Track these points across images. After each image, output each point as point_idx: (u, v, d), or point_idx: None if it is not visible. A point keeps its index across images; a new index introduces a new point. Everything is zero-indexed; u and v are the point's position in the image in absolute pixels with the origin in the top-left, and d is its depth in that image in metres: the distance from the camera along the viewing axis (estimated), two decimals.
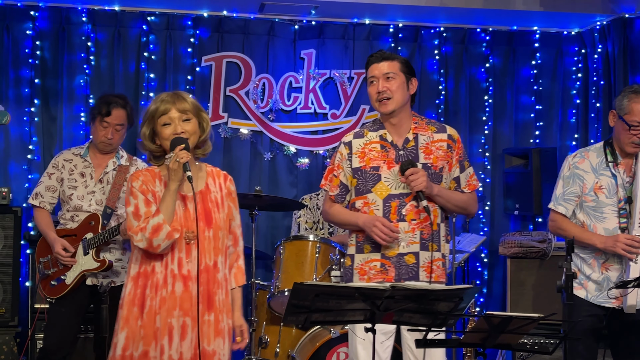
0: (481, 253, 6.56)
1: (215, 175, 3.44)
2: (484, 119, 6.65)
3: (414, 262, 3.69)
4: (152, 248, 3.20)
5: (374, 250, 3.72)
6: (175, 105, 3.28)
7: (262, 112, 6.28)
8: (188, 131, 3.28)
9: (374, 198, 3.71)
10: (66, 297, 4.51)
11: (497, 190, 6.66)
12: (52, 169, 4.68)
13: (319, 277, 4.92)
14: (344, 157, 3.80)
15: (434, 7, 6.06)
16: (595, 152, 4.19)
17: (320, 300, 2.76)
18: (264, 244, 6.21)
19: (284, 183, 6.39)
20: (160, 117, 3.27)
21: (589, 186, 4.12)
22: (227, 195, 3.42)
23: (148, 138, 3.33)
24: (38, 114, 6.00)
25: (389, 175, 3.71)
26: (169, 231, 3.19)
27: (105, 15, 6.09)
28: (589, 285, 4.10)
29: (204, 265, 3.28)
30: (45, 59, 6.05)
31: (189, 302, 3.24)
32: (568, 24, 6.59)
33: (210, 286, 3.29)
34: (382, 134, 3.78)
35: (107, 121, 4.57)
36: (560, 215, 4.18)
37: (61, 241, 4.49)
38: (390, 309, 2.83)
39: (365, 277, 3.72)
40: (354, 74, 6.41)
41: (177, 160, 3.17)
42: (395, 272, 3.69)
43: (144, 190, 3.28)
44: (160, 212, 3.20)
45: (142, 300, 3.26)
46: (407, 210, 3.68)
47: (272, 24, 6.30)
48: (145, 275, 3.27)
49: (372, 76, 3.74)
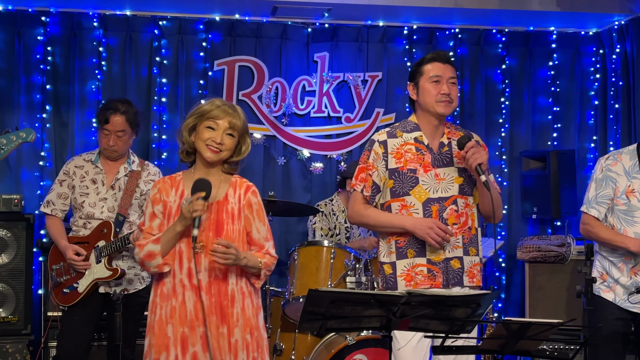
0: (499, 258, 6.54)
1: (238, 186, 3.42)
2: (500, 121, 6.63)
3: (459, 267, 3.67)
4: (143, 266, 3.36)
5: (418, 255, 3.66)
6: (230, 117, 3.32)
7: (275, 116, 6.29)
8: (226, 145, 3.31)
9: (413, 201, 3.66)
10: (79, 305, 4.53)
11: (514, 194, 6.63)
12: (63, 176, 4.70)
13: (334, 283, 4.91)
14: (378, 157, 3.73)
15: (449, 8, 6.05)
16: (628, 155, 4.16)
17: (335, 307, 2.76)
18: (278, 250, 6.12)
19: (298, 188, 6.39)
20: (208, 120, 3.30)
21: (621, 189, 4.09)
22: (246, 206, 3.39)
23: (187, 129, 3.34)
24: (50, 120, 6.03)
25: (427, 179, 3.68)
26: (160, 264, 3.29)
27: (116, 20, 6.12)
28: (617, 289, 4.07)
29: (214, 277, 3.29)
30: (57, 65, 6.08)
31: (201, 312, 3.25)
32: (585, 24, 6.57)
33: (221, 298, 3.30)
34: (418, 136, 3.74)
35: (107, 129, 4.58)
36: (592, 218, 4.16)
37: (72, 246, 4.51)
38: (406, 316, 2.82)
39: (412, 283, 3.65)
40: (367, 77, 6.41)
41: (190, 211, 3.19)
42: (443, 277, 3.65)
43: (156, 199, 3.34)
44: (159, 242, 3.28)
45: (153, 308, 3.36)
46: (448, 214, 3.66)
47: (284, 27, 6.31)
48: (156, 282, 3.38)
49: (437, 75, 3.69)
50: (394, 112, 6.43)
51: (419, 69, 3.75)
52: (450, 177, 3.69)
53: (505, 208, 6.57)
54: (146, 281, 4.69)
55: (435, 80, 3.69)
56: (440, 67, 3.71)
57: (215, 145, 3.29)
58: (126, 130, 4.61)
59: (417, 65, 3.78)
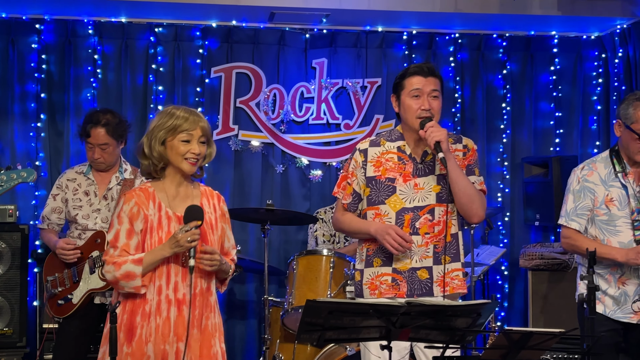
0: (501, 266, 6.53)
1: (209, 195, 3.46)
2: (502, 127, 6.63)
3: (427, 278, 3.67)
4: (115, 286, 3.26)
5: (384, 264, 3.70)
6: (200, 125, 3.32)
7: (274, 123, 6.30)
8: (202, 154, 3.32)
9: (387, 210, 3.70)
10: (74, 317, 4.53)
11: (516, 201, 6.63)
12: (56, 190, 4.72)
13: (334, 293, 4.91)
14: (358, 165, 3.78)
15: (449, 13, 6.06)
16: (602, 163, 4.13)
17: (334, 318, 2.76)
18: (276, 260, 6.22)
19: (297, 196, 6.39)
20: (181, 133, 3.30)
21: (600, 199, 4.06)
22: (220, 216, 3.44)
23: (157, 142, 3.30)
24: (44, 129, 6.04)
25: (405, 189, 3.69)
26: (138, 285, 3.22)
27: (112, 27, 6.13)
28: (606, 300, 4.06)
29: (199, 289, 3.29)
30: (52, 73, 6.09)
31: (182, 326, 3.23)
32: (587, 28, 6.58)
33: (202, 310, 3.31)
34: (401, 146, 3.76)
35: (90, 142, 4.59)
36: (574, 232, 4.11)
37: (63, 239, 4.54)
38: (406, 326, 2.82)
39: (376, 292, 3.70)
40: (367, 83, 6.42)
41: (187, 240, 3.17)
42: (408, 287, 3.67)
43: (133, 215, 3.27)
44: (142, 264, 3.20)
45: (129, 327, 3.25)
46: (421, 223, 3.67)
47: (282, 33, 6.32)
48: (133, 300, 3.27)
49: (416, 89, 3.67)
50: (393, 119, 6.42)
51: (401, 82, 3.73)
52: (428, 186, 3.69)
53: (508, 215, 6.57)
54: None
55: (416, 94, 3.67)
56: (421, 80, 3.67)
57: (194, 156, 3.29)
58: (109, 143, 4.60)
59: (399, 78, 3.75)
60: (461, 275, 3.75)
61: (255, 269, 5.81)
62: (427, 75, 3.69)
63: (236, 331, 6.21)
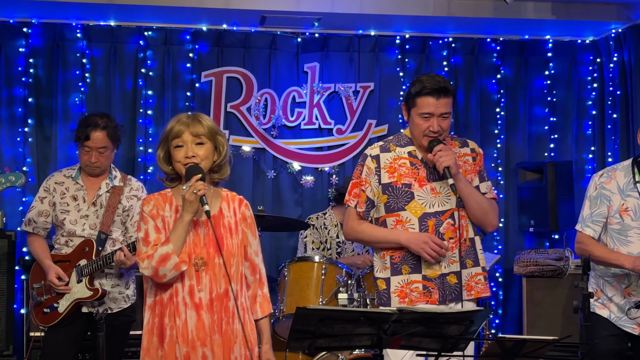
0: (496, 272, 6.54)
1: (230, 199, 3.43)
2: (496, 132, 6.65)
3: (456, 282, 3.68)
4: (157, 277, 3.22)
5: (414, 271, 3.69)
6: (189, 129, 3.29)
7: (265, 128, 6.30)
8: (199, 155, 3.29)
9: (409, 216, 3.69)
10: (61, 325, 4.50)
11: (511, 207, 6.64)
12: (43, 193, 4.68)
13: (325, 300, 4.90)
14: (371, 172, 3.76)
15: (442, 17, 6.08)
16: (622, 172, 4.13)
17: (325, 325, 2.75)
18: (267, 266, 6.13)
19: (288, 202, 6.39)
20: (173, 139, 3.30)
21: (615, 208, 4.07)
22: (241, 220, 3.41)
23: (163, 160, 3.35)
24: (32, 134, 6.02)
25: (422, 194, 3.70)
26: (177, 262, 3.20)
27: (100, 31, 6.12)
28: (611, 306, 4.07)
29: (215, 294, 3.28)
30: (39, 77, 6.08)
31: (203, 331, 3.24)
32: (582, 32, 6.60)
33: (221, 314, 3.29)
34: (411, 151, 3.76)
35: (88, 145, 4.56)
36: (587, 237, 4.13)
37: (55, 269, 4.48)
38: (398, 333, 2.82)
39: (407, 300, 3.67)
40: (359, 88, 6.42)
41: (194, 192, 3.18)
42: (440, 293, 3.67)
43: (154, 215, 3.30)
44: (170, 241, 3.21)
45: (160, 330, 3.27)
46: (445, 228, 3.68)
47: (273, 37, 6.32)
48: (161, 303, 3.29)
49: (428, 113, 3.64)
50: (386, 124, 6.44)
51: (413, 100, 3.68)
52: (446, 191, 3.70)
53: (502, 221, 6.57)
54: (131, 300, 4.67)
55: (426, 117, 3.66)
56: (433, 103, 3.64)
57: (189, 160, 3.28)
58: (107, 146, 4.59)
59: (412, 93, 3.69)
60: (482, 280, 3.77)
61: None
62: (439, 97, 3.64)
63: None
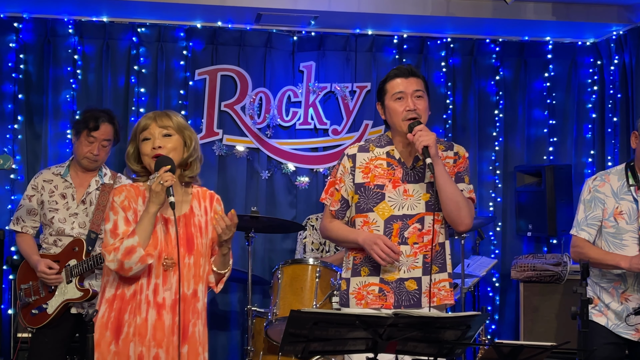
0: (492, 277, 6.54)
1: (201, 197, 3.45)
2: (494, 134, 6.65)
3: (416, 289, 3.67)
4: (123, 270, 3.21)
5: (372, 274, 3.71)
6: (156, 121, 3.33)
7: (259, 128, 6.30)
8: (166, 147, 3.30)
9: (375, 218, 3.70)
10: (50, 327, 4.49)
11: (508, 211, 6.65)
12: (31, 191, 4.68)
13: (319, 304, 4.90)
14: (346, 171, 3.78)
15: (441, 16, 6.08)
16: (616, 175, 4.16)
17: (319, 329, 2.75)
18: (260, 269, 6.20)
19: (283, 203, 6.39)
20: (141, 133, 3.32)
21: (609, 211, 4.10)
22: (212, 218, 3.42)
23: (132, 158, 3.37)
24: (22, 132, 6.01)
25: (394, 195, 3.70)
26: (142, 255, 3.19)
27: (93, 27, 6.11)
28: (609, 314, 4.09)
29: (182, 294, 3.28)
30: (30, 73, 6.07)
31: (161, 332, 3.23)
32: (582, 34, 6.61)
33: (186, 315, 3.29)
34: (389, 151, 3.77)
35: (94, 136, 4.57)
36: (583, 240, 4.15)
37: (45, 260, 4.49)
38: (393, 338, 2.82)
39: (363, 302, 3.70)
40: (356, 88, 6.43)
41: (160, 183, 3.18)
42: (395, 298, 3.67)
43: (125, 206, 3.29)
44: (135, 233, 3.20)
45: (116, 325, 3.25)
46: (410, 232, 3.67)
47: (269, 35, 6.32)
48: (122, 298, 3.27)
49: (399, 92, 3.67)
50: (382, 125, 6.43)
51: (383, 87, 3.74)
52: (418, 194, 3.70)
53: (499, 225, 6.58)
54: None
55: (399, 97, 3.68)
56: (403, 82, 3.68)
57: (156, 151, 3.28)
58: (111, 140, 4.65)
59: (381, 84, 3.77)
60: (448, 286, 3.75)
61: (239, 278, 5.79)
62: (408, 76, 3.69)
63: (218, 342, 6.19)
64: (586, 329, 3.53)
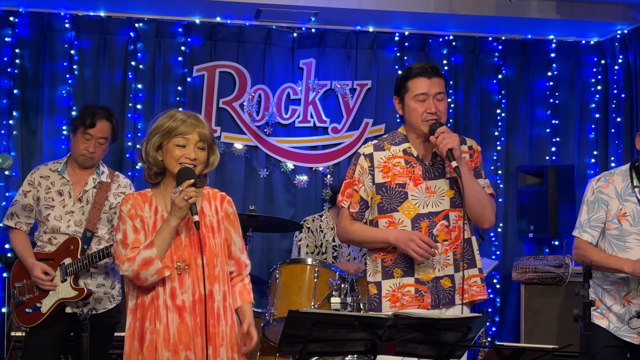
0: (493, 279, 6.54)
1: (212, 197, 3.44)
2: (496, 134, 6.65)
3: (450, 286, 3.67)
4: (138, 280, 3.24)
5: (406, 275, 3.67)
6: (197, 129, 3.30)
7: (258, 125, 6.29)
8: (199, 159, 3.30)
9: (401, 217, 3.67)
10: (44, 326, 4.48)
11: (510, 211, 6.65)
12: (27, 187, 4.66)
13: (318, 304, 4.90)
14: (364, 171, 3.74)
15: (443, 14, 6.08)
16: (620, 176, 4.14)
17: (317, 330, 2.74)
18: (258, 268, 6.20)
19: (281, 202, 6.38)
20: (176, 137, 3.29)
21: (612, 213, 4.08)
22: (224, 217, 3.42)
23: (154, 149, 3.32)
24: (17, 127, 6.00)
25: (417, 194, 3.67)
26: (160, 268, 3.21)
27: (90, 22, 6.11)
28: (610, 316, 4.08)
29: (198, 295, 3.28)
30: (25, 68, 6.06)
31: (186, 334, 3.25)
32: (586, 33, 6.61)
33: (207, 317, 3.29)
34: (406, 148, 3.74)
35: (90, 133, 4.55)
36: (585, 243, 4.13)
37: (41, 265, 4.46)
38: (393, 339, 2.81)
39: (398, 305, 3.66)
40: (356, 85, 6.42)
41: (185, 199, 3.18)
42: (432, 297, 3.65)
43: (132, 215, 3.30)
44: (154, 245, 3.21)
45: (141, 334, 3.27)
46: (438, 230, 3.66)
47: (268, 32, 6.32)
48: (142, 306, 3.29)
49: (422, 93, 3.65)
50: (383, 123, 6.44)
51: (404, 85, 3.71)
52: (441, 190, 3.69)
53: (501, 226, 6.58)
54: (116, 300, 4.66)
55: (421, 99, 3.66)
56: (426, 83, 3.66)
57: (190, 162, 3.28)
58: (108, 138, 4.62)
59: (402, 79, 3.73)
60: (479, 281, 3.75)
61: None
62: (431, 77, 3.67)
63: None
64: (588, 331, 3.53)
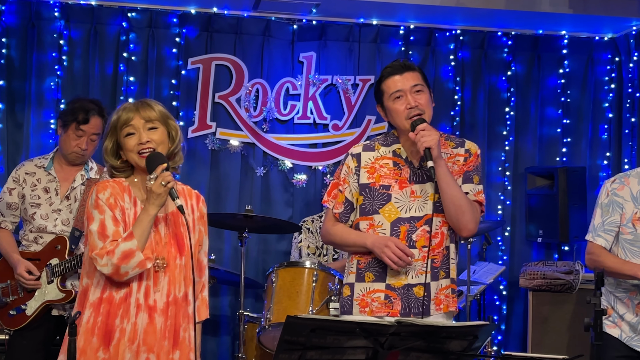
0: (500, 285, 6.54)
1: (187, 195, 3.44)
2: (504, 133, 6.65)
3: (425, 295, 3.66)
4: (118, 275, 3.17)
5: (377, 279, 3.69)
6: (139, 113, 3.28)
7: (255, 121, 6.28)
8: (155, 140, 3.26)
9: (381, 220, 3.69)
10: (28, 329, 4.48)
11: (518, 214, 6.65)
12: (12, 184, 4.65)
13: (316, 309, 4.89)
14: (350, 171, 3.77)
15: (450, 7, 6.08)
16: (636, 178, 4.13)
17: (316, 336, 2.73)
18: (254, 271, 6.19)
19: (278, 202, 6.38)
20: (123, 128, 3.27)
21: (627, 216, 4.07)
22: (199, 218, 3.43)
23: (110, 153, 3.32)
24: (2, 120, 5.99)
25: (400, 197, 3.69)
26: (142, 260, 3.16)
27: (80, 10, 6.10)
28: (623, 325, 4.08)
29: (173, 297, 3.26)
30: (12, 58, 6.05)
31: (153, 336, 3.21)
32: (600, 29, 6.61)
33: (177, 320, 3.28)
34: (396, 149, 3.76)
35: (83, 129, 4.55)
36: (599, 247, 4.12)
37: (25, 263, 4.46)
38: (395, 347, 2.80)
39: (367, 310, 3.69)
40: (358, 81, 6.42)
41: (162, 184, 3.15)
42: (402, 305, 3.66)
43: (112, 204, 3.24)
44: (134, 236, 3.16)
45: (105, 330, 3.20)
46: (418, 235, 3.66)
47: (267, 23, 6.31)
48: (110, 302, 3.23)
49: (397, 90, 3.66)
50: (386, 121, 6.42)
51: (379, 89, 3.75)
52: (425, 194, 3.69)
53: (508, 230, 6.57)
54: None
55: (398, 96, 3.67)
56: (398, 79, 3.68)
57: (145, 146, 3.26)
58: (100, 134, 4.63)
59: (376, 85, 3.78)
60: (451, 293, 3.74)
61: (231, 280, 5.78)
62: (402, 72, 3.69)
63: (207, 349, 6.17)
64: (600, 341, 3.52)
